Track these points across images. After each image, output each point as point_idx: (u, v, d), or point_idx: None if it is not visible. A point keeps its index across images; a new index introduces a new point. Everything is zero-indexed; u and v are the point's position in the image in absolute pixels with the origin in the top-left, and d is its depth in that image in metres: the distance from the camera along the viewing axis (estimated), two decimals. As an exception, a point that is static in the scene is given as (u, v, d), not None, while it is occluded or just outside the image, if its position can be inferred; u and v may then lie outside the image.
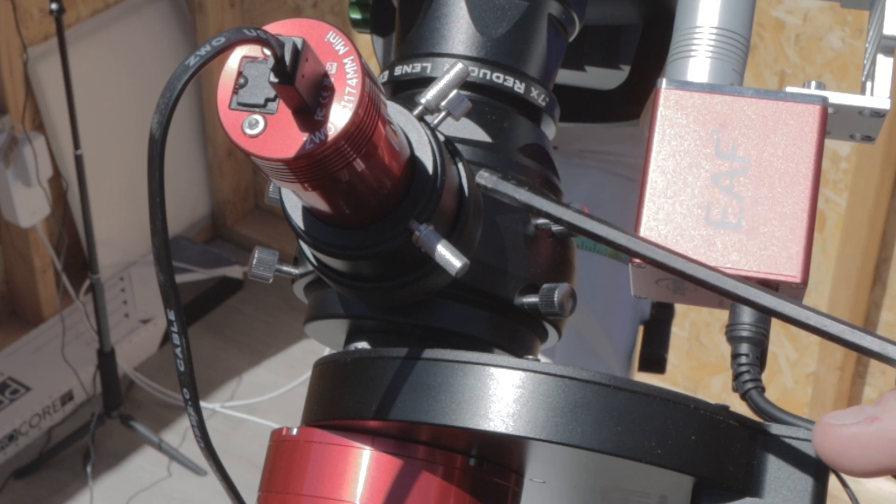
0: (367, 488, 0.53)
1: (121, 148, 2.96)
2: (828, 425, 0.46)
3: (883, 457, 0.45)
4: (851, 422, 0.45)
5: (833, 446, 0.46)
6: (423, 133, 0.52)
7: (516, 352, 0.59)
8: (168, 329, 0.48)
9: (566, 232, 0.58)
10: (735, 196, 0.55)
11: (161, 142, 0.44)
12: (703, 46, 0.60)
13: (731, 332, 0.54)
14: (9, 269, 2.93)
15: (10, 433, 2.71)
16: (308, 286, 0.60)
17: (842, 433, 0.45)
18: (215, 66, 0.46)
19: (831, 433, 0.46)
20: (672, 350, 0.95)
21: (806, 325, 0.46)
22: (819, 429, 0.46)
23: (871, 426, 0.45)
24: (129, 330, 2.93)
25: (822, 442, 0.46)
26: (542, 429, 0.50)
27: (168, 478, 2.69)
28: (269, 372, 2.93)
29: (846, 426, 0.45)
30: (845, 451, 0.45)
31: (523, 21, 0.61)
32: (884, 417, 0.45)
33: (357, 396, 0.53)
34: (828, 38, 2.22)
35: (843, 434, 0.45)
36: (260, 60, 0.46)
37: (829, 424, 0.46)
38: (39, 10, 2.74)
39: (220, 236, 3.31)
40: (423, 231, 0.50)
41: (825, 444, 0.46)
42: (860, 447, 0.45)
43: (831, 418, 0.46)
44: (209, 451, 0.51)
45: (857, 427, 0.45)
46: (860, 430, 0.45)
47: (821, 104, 0.56)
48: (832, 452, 0.46)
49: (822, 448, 0.46)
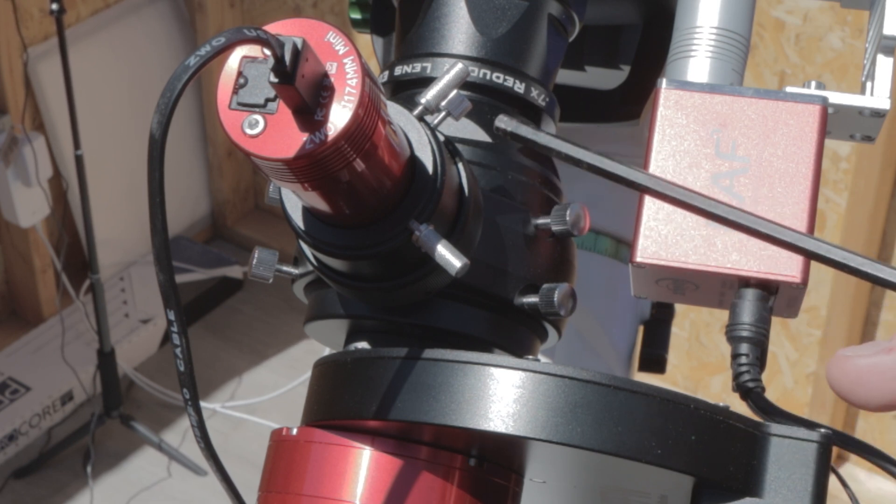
0: (367, 488, 0.53)
1: (121, 148, 2.96)
2: (843, 357, 0.45)
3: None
4: (868, 353, 0.45)
5: (849, 377, 0.44)
6: (423, 133, 0.52)
7: (516, 352, 0.59)
8: (168, 329, 0.48)
9: (566, 232, 0.58)
10: (735, 196, 0.55)
11: (161, 142, 0.44)
12: (703, 46, 0.60)
13: (731, 332, 0.54)
14: (9, 269, 2.93)
15: (10, 433, 2.71)
16: (308, 286, 0.60)
17: (859, 363, 0.44)
18: (215, 66, 0.46)
19: (846, 364, 0.45)
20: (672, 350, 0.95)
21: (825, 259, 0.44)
22: (834, 361, 0.45)
23: (888, 356, 0.44)
24: (129, 330, 2.93)
25: (838, 373, 0.45)
26: (542, 429, 0.50)
27: (168, 478, 2.69)
28: (269, 372, 2.93)
29: (863, 357, 0.45)
30: (861, 382, 0.44)
31: (523, 21, 0.61)
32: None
33: (357, 396, 0.53)
34: (828, 38, 2.22)
35: (860, 364, 0.44)
36: (260, 60, 0.46)
37: (843, 356, 0.45)
38: (39, 10, 2.74)
39: (220, 236, 3.31)
40: (423, 231, 0.50)
41: (841, 376, 0.45)
42: (877, 377, 0.44)
43: (846, 351, 0.45)
44: (209, 451, 0.51)
45: (875, 357, 0.44)
46: (878, 360, 0.44)
47: (821, 104, 0.56)
48: (847, 383, 0.45)
49: (837, 380, 0.45)
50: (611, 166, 0.47)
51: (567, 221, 0.58)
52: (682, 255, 0.54)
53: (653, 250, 0.55)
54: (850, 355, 0.45)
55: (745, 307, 0.53)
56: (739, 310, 0.54)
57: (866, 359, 0.44)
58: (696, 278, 0.55)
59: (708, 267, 0.54)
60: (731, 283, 0.54)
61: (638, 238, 0.55)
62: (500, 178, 0.58)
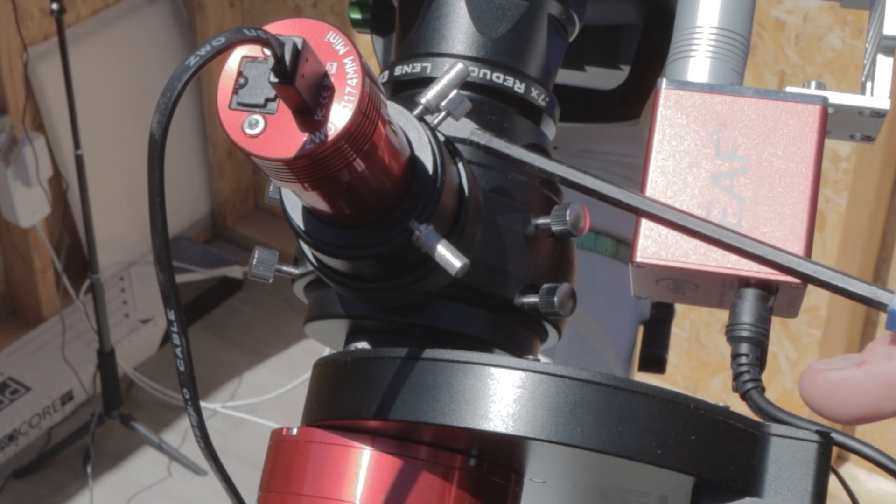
0: (367, 488, 0.53)
1: (121, 148, 2.96)
2: (815, 371, 0.45)
3: (872, 399, 0.44)
4: (839, 367, 0.45)
5: (821, 390, 0.45)
6: (423, 133, 0.52)
7: (516, 352, 0.59)
8: (168, 329, 0.48)
9: (566, 232, 0.58)
10: (735, 196, 0.55)
11: (161, 142, 0.44)
12: (703, 46, 0.60)
13: (731, 332, 0.54)
14: (9, 269, 2.93)
15: (10, 433, 2.71)
16: (308, 286, 0.60)
17: (830, 377, 0.45)
18: (215, 66, 0.46)
19: (818, 378, 0.45)
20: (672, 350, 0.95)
21: (799, 273, 0.45)
22: (806, 375, 0.45)
23: (859, 369, 0.45)
24: (129, 330, 2.93)
25: (809, 387, 0.45)
26: (542, 429, 0.50)
27: (168, 478, 2.69)
28: (269, 372, 2.93)
29: (835, 370, 0.45)
30: (833, 395, 0.45)
31: (523, 21, 0.61)
32: (872, 361, 0.45)
33: (357, 396, 0.53)
34: (828, 38, 2.22)
35: (831, 378, 0.45)
36: (260, 60, 0.46)
37: (816, 370, 0.45)
38: (39, 10, 2.74)
39: (220, 236, 3.31)
40: (423, 231, 0.50)
41: (812, 389, 0.45)
42: (849, 390, 0.45)
43: (818, 364, 0.46)
44: (209, 452, 0.51)
45: (847, 371, 0.45)
46: (849, 374, 0.45)
47: (821, 104, 0.56)
48: (819, 396, 0.45)
49: (809, 393, 0.45)
50: (584, 179, 0.48)
51: (567, 221, 0.58)
52: (682, 255, 0.54)
53: (653, 250, 0.55)
54: (822, 369, 0.45)
55: (745, 307, 0.53)
56: (739, 310, 0.53)
57: (837, 372, 0.45)
58: (696, 278, 0.55)
59: (708, 267, 0.54)
60: (731, 283, 0.54)
61: (638, 238, 0.55)
62: (500, 178, 0.58)
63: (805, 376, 0.46)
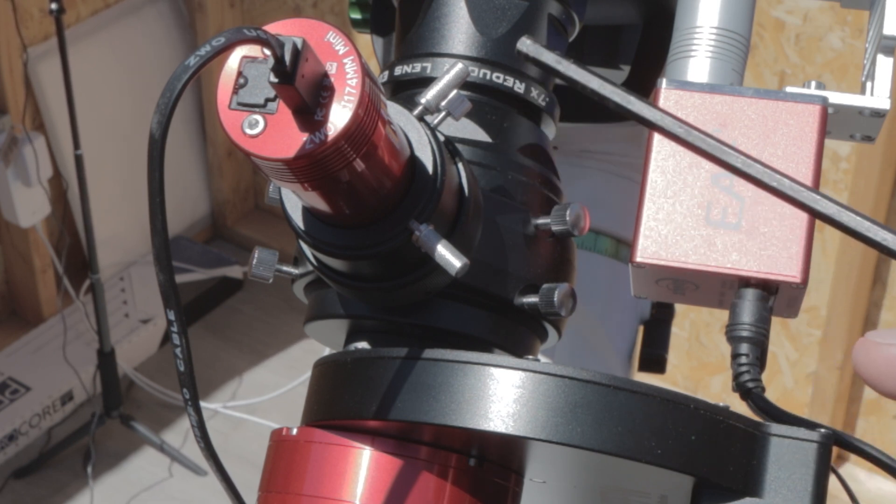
0: (367, 488, 0.53)
1: (121, 148, 2.96)
2: (872, 343, 0.44)
3: None
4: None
5: (876, 365, 0.43)
6: (423, 133, 0.52)
7: (516, 352, 0.59)
8: (168, 329, 0.48)
9: (566, 232, 0.58)
10: (735, 196, 0.55)
11: (161, 142, 0.44)
12: (703, 46, 0.60)
13: (731, 332, 0.54)
14: (9, 269, 2.93)
15: (10, 433, 2.71)
16: (308, 286, 0.60)
17: (888, 352, 0.44)
18: (215, 66, 0.46)
19: (875, 352, 0.44)
20: (672, 350, 0.95)
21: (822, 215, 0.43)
22: (862, 347, 0.44)
23: None
24: (129, 330, 2.93)
25: (865, 360, 0.44)
26: (542, 429, 0.50)
27: (168, 478, 2.69)
28: (269, 372, 2.93)
29: (892, 346, 0.44)
30: (889, 371, 0.44)
31: (523, 21, 0.61)
32: None
33: (357, 396, 0.53)
34: (828, 38, 2.22)
35: (888, 353, 0.44)
36: (260, 60, 0.46)
37: (873, 343, 0.44)
38: (39, 10, 2.74)
39: (220, 236, 3.31)
40: (423, 231, 0.50)
41: (867, 363, 0.44)
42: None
43: (875, 336, 0.44)
44: (209, 452, 0.51)
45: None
46: None
47: (821, 104, 0.56)
48: (874, 371, 0.43)
49: (864, 366, 0.44)
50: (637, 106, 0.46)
51: (567, 221, 0.58)
52: (681, 255, 0.54)
53: (653, 250, 0.55)
54: (879, 342, 0.44)
55: (745, 307, 0.53)
56: (739, 310, 0.54)
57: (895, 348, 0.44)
58: (696, 278, 0.55)
59: (708, 267, 0.54)
60: (731, 283, 0.54)
61: (638, 238, 0.55)
62: (500, 178, 0.58)
63: (860, 349, 0.44)
